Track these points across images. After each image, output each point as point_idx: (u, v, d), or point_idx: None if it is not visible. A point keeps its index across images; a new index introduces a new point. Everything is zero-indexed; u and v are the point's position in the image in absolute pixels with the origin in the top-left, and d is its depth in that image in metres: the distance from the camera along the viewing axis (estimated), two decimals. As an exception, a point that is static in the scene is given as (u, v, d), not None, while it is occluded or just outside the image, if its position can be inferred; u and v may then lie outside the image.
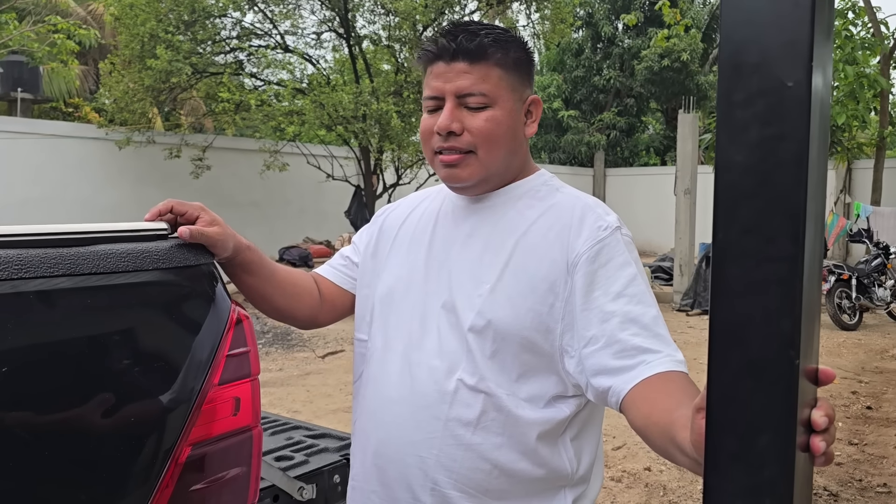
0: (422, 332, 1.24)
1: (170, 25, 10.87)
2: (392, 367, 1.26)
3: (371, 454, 1.26)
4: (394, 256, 1.36)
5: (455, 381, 1.19)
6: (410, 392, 1.22)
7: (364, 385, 1.31)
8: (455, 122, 1.21)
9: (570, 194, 1.30)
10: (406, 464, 1.21)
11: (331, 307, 1.44)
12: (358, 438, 1.32)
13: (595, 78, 22.53)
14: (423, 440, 1.19)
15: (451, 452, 1.18)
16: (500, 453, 1.18)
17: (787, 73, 0.59)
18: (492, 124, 1.22)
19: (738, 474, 0.62)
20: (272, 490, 1.73)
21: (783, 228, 0.60)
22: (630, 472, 4.26)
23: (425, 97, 1.25)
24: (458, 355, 1.20)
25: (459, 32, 1.22)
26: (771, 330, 0.60)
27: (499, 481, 1.19)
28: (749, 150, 0.61)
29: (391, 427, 1.23)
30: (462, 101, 1.22)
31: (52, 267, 0.97)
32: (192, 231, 1.17)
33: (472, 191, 1.28)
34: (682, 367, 1.10)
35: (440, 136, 1.23)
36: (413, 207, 1.43)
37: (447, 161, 1.23)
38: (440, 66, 1.22)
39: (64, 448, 0.98)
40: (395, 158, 11.93)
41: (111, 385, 1.03)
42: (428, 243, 1.31)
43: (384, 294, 1.32)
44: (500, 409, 1.18)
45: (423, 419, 1.20)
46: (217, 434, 1.12)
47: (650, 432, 1.03)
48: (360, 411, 1.31)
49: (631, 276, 1.17)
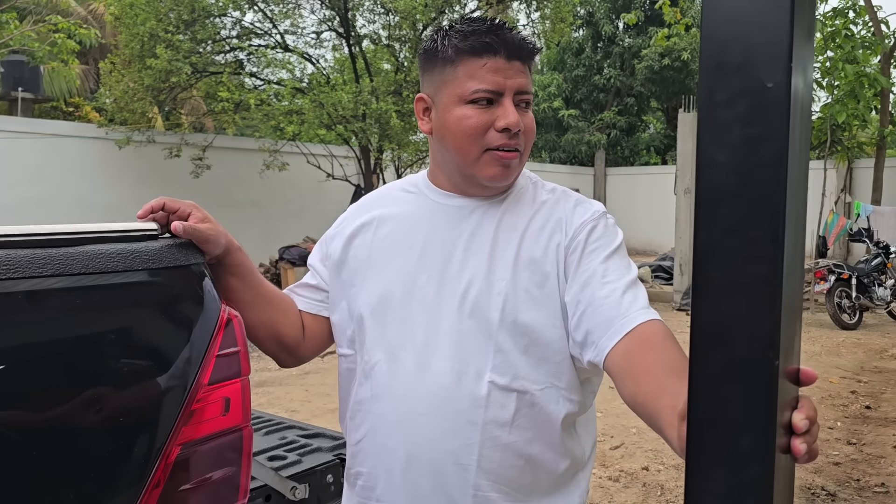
0: (436, 339, 1.21)
1: (170, 25, 10.87)
2: (407, 378, 1.21)
3: (399, 470, 1.21)
4: (376, 264, 1.30)
5: (486, 384, 1.18)
6: (439, 401, 1.18)
7: (371, 401, 1.25)
8: (520, 120, 1.22)
9: (556, 188, 1.34)
10: (445, 474, 1.18)
11: (312, 339, 1.38)
12: (376, 457, 1.24)
13: (595, 77, 22.53)
14: (462, 447, 1.18)
15: (490, 455, 1.18)
16: (532, 447, 1.21)
17: (768, 74, 0.59)
18: (534, 125, 1.28)
19: (719, 475, 0.63)
20: (264, 490, 1.73)
21: (764, 228, 0.60)
22: (627, 472, 4.26)
23: (477, 90, 1.20)
24: (484, 356, 1.19)
25: (508, 30, 1.23)
26: (751, 330, 0.60)
27: (529, 475, 1.21)
28: (731, 150, 0.61)
29: (422, 440, 1.19)
30: (516, 99, 1.22)
31: (42, 267, 0.97)
32: (185, 226, 1.17)
33: (491, 190, 1.29)
34: (656, 315, 1.15)
35: (504, 133, 1.21)
36: (381, 209, 1.36)
37: (509, 159, 1.23)
38: (499, 62, 1.21)
39: (52, 448, 0.98)
40: (395, 158, 11.93)
41: (101, 385, 1.03)
42: (420, 246, 1.28)
43: (375, 304, 1.27)
44: (532, 404, 1.20)
45: (459, 426, 1.18)
46: (207, 434, 1.12)
47: (640, 413, 1.05)
48: (373, 428, 1.25)
49: (616, 247, 1.24)
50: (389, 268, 1.28)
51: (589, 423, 1.33)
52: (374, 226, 1.34)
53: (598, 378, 1.30)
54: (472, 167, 1.24)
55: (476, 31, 1.21)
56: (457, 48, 1.22)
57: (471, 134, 1.22)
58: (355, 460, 1.29)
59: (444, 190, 1.32)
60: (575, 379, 1.23)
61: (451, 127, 1.23)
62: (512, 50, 1.21)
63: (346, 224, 1.38)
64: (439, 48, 1.24)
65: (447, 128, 1.24)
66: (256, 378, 6.37)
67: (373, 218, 1.35)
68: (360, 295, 1.29)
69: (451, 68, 1.23)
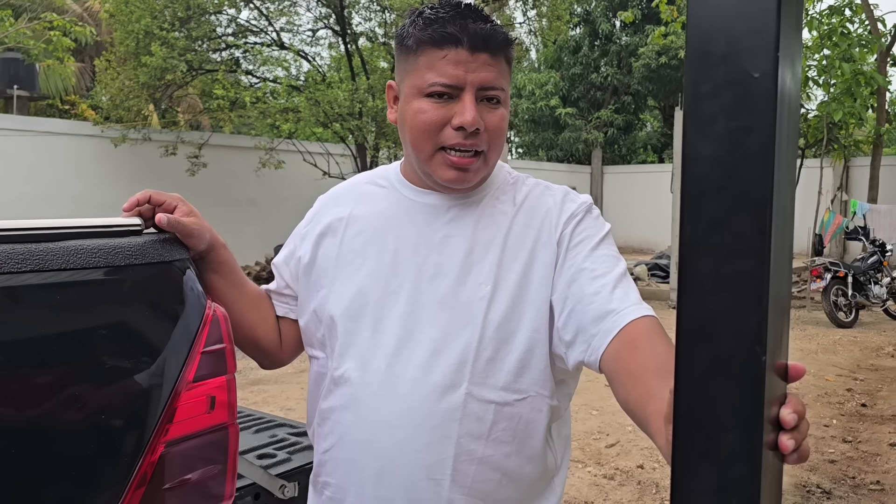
0: (409, 347, 1.14)
1: (165, 22, 10.85)
2: (379, 389, 1.14)
3: (371, 485, 1.15)
4: (347, 264, 1.22)
5: (463, 395, 1.12)
6: (413, 413, 1.12)
7: (340, 410, 1.19)
8: (479, 118, 1.12)
9: (539, 183, 1.28)
10: (419, 489, 1.12)
11: (290, 342, 1.32)
12: (346, 470, 1.18)
13: (592, 75, 22.53)
14: (436, 462, 1.12)
15: (465, 469, 1.12)
16: (509, 461, 1.15)
17: (754, 64, 0.58)
18: (504, 124, 1.16)
19: (705, 473, 0.61)
20: (253, 488, 1.71)
21: (750, 222, 0.59)
22: (623, 470, 4.26)
23: (434, 83, 1.12)
24: (460, 366, 1.12)
25: (478, 19, 1.12)
26: (738, 326, 0.59)
27: (507, 489, 1.16)
28: (716, 142, 0.59)
29: (395, 454, 1.13)
30: (479, 94, 1.13)
31: (20, 263, 0.95)
32: (170, 219, 1.14)
33: (459, 190, 1.21)
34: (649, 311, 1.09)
35: (459, 132, 1.12)
36: (350, 205, 1.28)
37: (463, 164, 1.14)
38: (461, 54, 1.11)
39: (33, 446, 0.97)
40: (391, 156, 11.92)
41: (82, 382, 1.02)
42: (393, 247, 1.20)
43: (346, 307, 1.19)
44: (511, 416, 1.14)
45: (434, 441, 1.12)
46: (192, 432, 1.10)
47: (633, 419, 1.01)
48: (342, 440, 1.19)
49: (602, 238, 1.19)
50: (360, 270, 1.21)
51: (563, 427, 1.27)
52: (343, 224, 1.26)
53: (573, 381, 1.25)
54: (427, 165, 1.17)
55: (440, 19, 1.12)
56: (418, 37, 1.14)
57: (424, 130, 1.14)
58: (323, 468, 1.24)
59: (416, 186, 1.24)
60: (553, 382, 1.18)
61: (409, 120, 1.16)
62: (476, 41, 1.11)
63: (314, 222, 1.30)
64: (405, 34, 1.16)
65: (405, 120, 1.17)
66: (251, 376, 6.35)
67: (342, 215, 1.27)
68: (330, 298, 1.22)
69: (412, 57, 1.15)
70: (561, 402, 1.21)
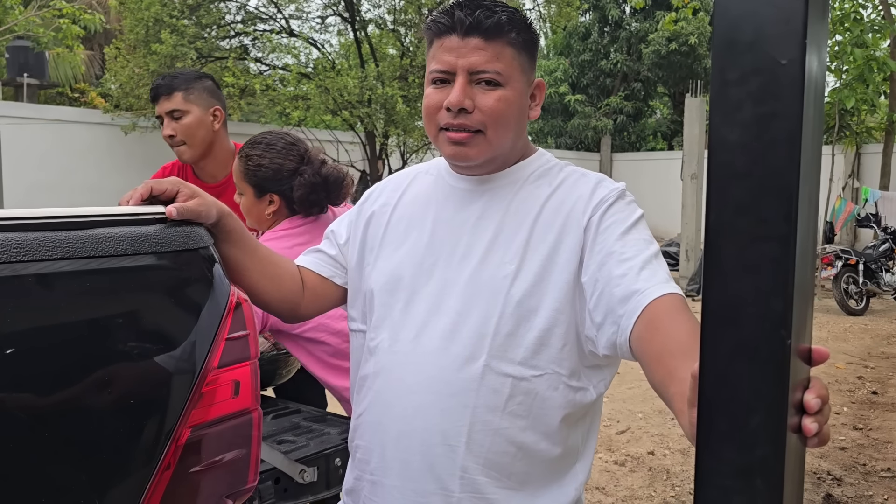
0: (436, 320, 1.21)
1: (174, 10, 10.84)
2: (407, 357, 1.22)
3: (392, 447, 1.22)
4: (389, 243, 1.32)
5: (482, 367, 1.17)
6: (433, 380, 1.19)
7: (373, 377, 1.27)
8: (467, 98, 1.19)
9: (576, 170, 1.32)
10: (434, 454, 1.18)
11: (313, 297, 1.39)
12: (372, 432, 1.26)
13: (602, 62, 22.39)
14: (452, 428, 1.17)
15: (480, 438, 1.17)
16: (525, 435, 1.19)
17: (781, 50, 0.58)
18: (503, 104, 1.21)
19: (729, 454, 0.62)
20: (273, 472, 1.74)
21: (776, 208, 0.59)
22: (633, 456, 4.28)
23: (432, 70, 1.22)
24: (481, 339, 1.18)
25: (476, 7, 1.19)
26: (763, 310, 0.60)
27: (522, 463, 1.20)
28: (742, 128, 0.60)
29: (414, 418, 1.20)
30: (474, 78, 1.20)
31: (51, 250, 0.97)
32: (179, 209, 1.16)
33: (477, 170, 1.28)
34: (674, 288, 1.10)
35: (449, 112, 1.20)
36: (402, 190, 1.39)
37: (455, 139, 1.22)
38: (453, 40, 1.19)
39: (64, 430, 0.99)
40: (400, 143, 11.91)
41: (111, 368, 1.04)
42: (430, 228, 1.29)
43: (385, 283, 1.29)
44: (528, 391, 1.18)
45: (450, 407, 1.17)
46: (217, 416, 1.12)
47: (661, 397, 1.02)
48: (372, 404, 1.27)
49: (633, 222, 1.21)
50: (400, 249, 1.30)
51: (592, 413, 1.30)
52: (391, 206, 1.37)
53: (610, 368, 1.27)
54: (437, 145, 1.27)
55: (446, 10, 1.21)
56: (425, 31, 1.25)
57: (427, 113, 1.25)
58: (356, 433, 1.32)
59: (456, 173, 1.32)
60: (579, 365, 1.21)
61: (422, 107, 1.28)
62: (465, 27, 1.18)
63: (369, 202, 1.42)
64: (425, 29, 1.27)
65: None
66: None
67: (393, 199, 1.38)
68: (373, 274, 1.31)
69: (427, 49, 1.26)
70: (589, 385, 1.23)
